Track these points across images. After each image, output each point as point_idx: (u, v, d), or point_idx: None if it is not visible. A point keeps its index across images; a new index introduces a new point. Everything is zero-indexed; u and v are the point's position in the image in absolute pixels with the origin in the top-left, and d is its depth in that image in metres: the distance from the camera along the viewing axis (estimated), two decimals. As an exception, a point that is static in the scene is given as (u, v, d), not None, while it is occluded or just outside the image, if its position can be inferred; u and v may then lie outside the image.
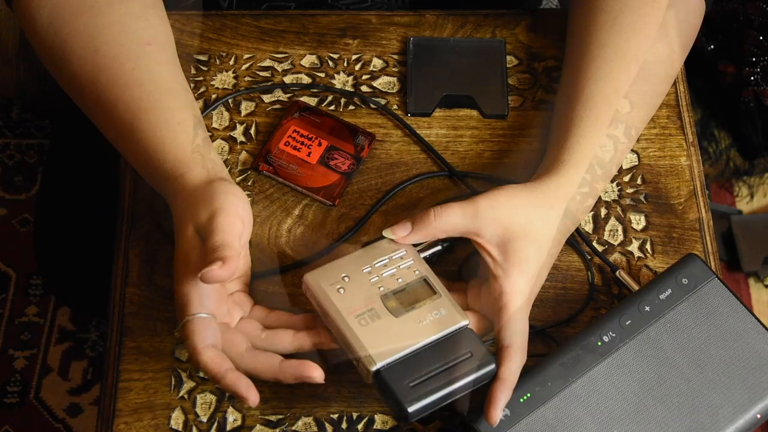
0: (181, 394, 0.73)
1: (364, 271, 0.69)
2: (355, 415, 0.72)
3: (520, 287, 0.68)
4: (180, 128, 0.72)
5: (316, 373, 0.65)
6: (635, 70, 0.76)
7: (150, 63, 0.74)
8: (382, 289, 0.68)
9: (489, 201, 0.69)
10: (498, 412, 0.65)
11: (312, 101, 0.85)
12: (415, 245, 0.72)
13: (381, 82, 0.86)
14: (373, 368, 0.65)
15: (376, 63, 0.87)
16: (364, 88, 0.85)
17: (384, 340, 0.66)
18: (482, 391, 0.72)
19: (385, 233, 0.71)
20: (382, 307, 0.67)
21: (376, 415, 0.72)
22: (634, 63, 0.76)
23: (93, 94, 0.73)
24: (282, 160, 0.80)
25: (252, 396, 0.64)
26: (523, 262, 0.68)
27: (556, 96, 0.82)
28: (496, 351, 0.67)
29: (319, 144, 0.81)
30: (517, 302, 0.67)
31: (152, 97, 0.72)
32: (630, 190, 0.81)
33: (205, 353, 0.65)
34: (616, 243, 0.79)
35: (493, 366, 0.66)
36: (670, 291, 0.71)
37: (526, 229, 0.69)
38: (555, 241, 0.71)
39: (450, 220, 0.69)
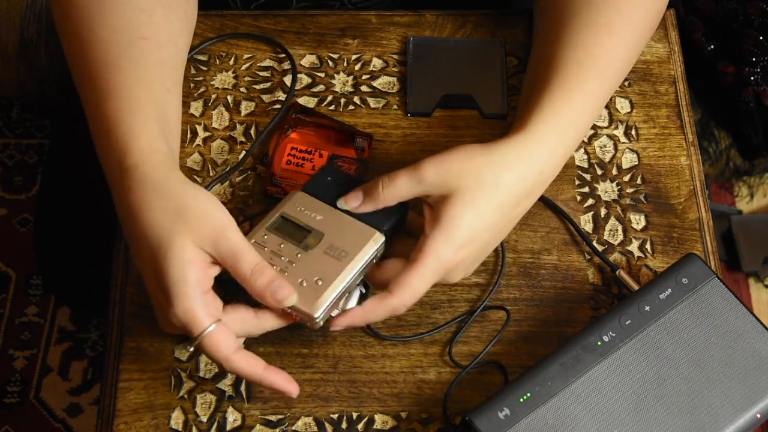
0: (181, 394, 0.73)
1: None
2: (355, 415, 0.72)
3: (438, 250, 0.67)
4: (148, 119, 0.71)
5: (292, 387, 0.67)
6: (607, 40, 0.75)
7: (139, 56, 0.73)
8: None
9: (436, 166, 0.69)
10: (338, 324, 0.68)
11: (312, 101, 0.85)
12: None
13: (381, 82, 0.86)
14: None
15: (376, 63, 0.87)
16: (364, 88, 0.86)
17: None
18: (481, 391, 0.73)
19: (339, 203, 0.71)
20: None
21: (376, 415, 0.72)
22: (605, 33, 0.75)
23: (78, 66, 0.74)
24: (288, 180, 0.79)
25: (293, 388, 0.67)
26: (451, 227, 0.68)
27: (526, 69, 0.82)
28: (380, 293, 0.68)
29: (320, 155, 0.81)
30: (426, 263, 0.67)
31: (127, 84, 0.72)
32: (630, 190, 0.82)
33: (239, 360, 0.65)
34: (616, 243, 0.79)
35: (382, 240, 0.70)
36: (670, 291, 0.71)
37: (468, 194, 0.68)
38: (511, 204, 0.70)
39: (397, 188, 0.69)
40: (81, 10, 0.74)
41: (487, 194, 0.68)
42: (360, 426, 0.72)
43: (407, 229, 0.73)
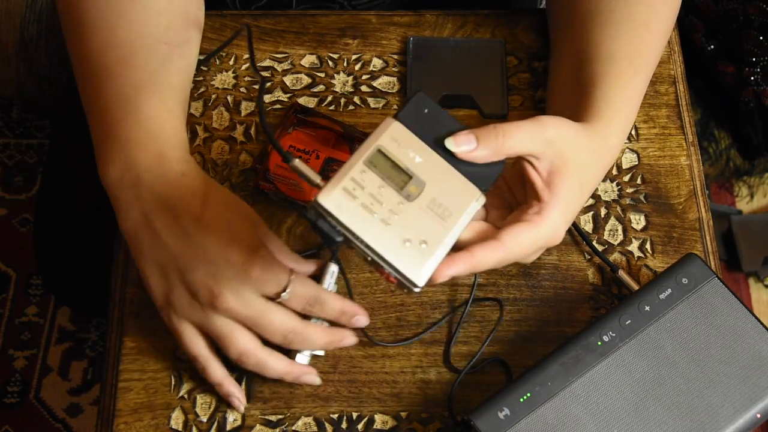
0: (181, 394, 0.73)
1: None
2: (355, 415, 0.72)
3: (553, 220, 0.65)
4: (181, 123, 0.75)
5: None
6: (647, 37, 0.76)
7: (164, 60, 0.75)
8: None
9: (557, 129, 0.65)
10: (444, 274, 0.60)
11: (312, 101, 0.85)
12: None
13: (381, 82, 0.86)
14: None
15: (376, 63, 0.87)
16: (364, 88, 0.86)
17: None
18: (482, 391, 0.72)
19: (447, 143, 0.62)
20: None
21: (376, 415, 0.72)
22: (645, 30, 0.76)
23: (95, 64, 0.74)
24: (282, 177, 0.80)
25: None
26: (566, 202, 0.66)
27: (555, 57, 0.81)
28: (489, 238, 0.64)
29: (317, 157, 0.81)
30: (542, 230, 0.64)
31: (160, 85, 0.74)
32: (630, 190, 0.82)
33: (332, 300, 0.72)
34: (616, 243, 0.79)
35: (483, 201, 0.63)
36: (670, 291, 0.71)
37: (578, 172, 0.66)
38: (587, 194, 0.70)
39: (517, 140, 0.63)
40: (98, 11, 0.74)
41: (585, 177, 0.68)
42: (360, 426, 0.72)
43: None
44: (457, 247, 0.62)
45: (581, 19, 0.79)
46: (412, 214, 0.60)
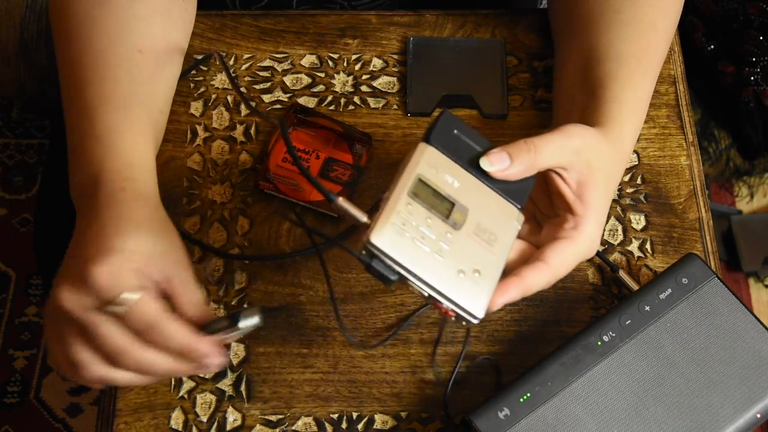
0: (181, 394, 0.73)
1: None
2: (355, 415, 0.72)
3: (590, 233, 0.65)
4: (141, 139, 0.71)
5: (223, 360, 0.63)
6: (654, 37, 0.76)
7: (134, 70, 0.73)
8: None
9: (583, 139, 0.65)
10: (499, 302, 0.60)
11: (312, 101, 0.85)
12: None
13: (381, 82, 0.86)
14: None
15: (376, 63, 0.87)
16: (363, 88, 0.86)
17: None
18: (482, 391, 0.72)
19: (482, 163, 0.62)
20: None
21: (376, 415, 0.72)
22: (652, 30, 0.76)
23: (72, 74, 0.73)
24: (282, 177, 0.80)
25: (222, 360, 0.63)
26: (598, 212, 0.66)
27: (560, 58, 0.81)
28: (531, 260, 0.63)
29: (317, 157, 0.81)
30: (581, 244, 0.64)
31: (124, 99, 0.71)
32: (630, 190, 0.82)
33: (171, 323, 0.62)
34: (616, 243, 0.79)
35: (522, 219, 0.63)
36: (670, 291, 0.71)
37: (604, 180, 0.66)
38: (611, 198, 0.70)
39: (549, 154, 0.63)
40: (78, 18, 0.74)
41: (609, 183, 0.68)
42: (360, 426, 0.72)
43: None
44: (504, 270, 0.62)
45: (587, 20, 0.79)
46: (461, 242, 0.60)
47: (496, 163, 0.62)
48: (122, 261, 0.61)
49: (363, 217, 0.60)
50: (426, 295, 0.59)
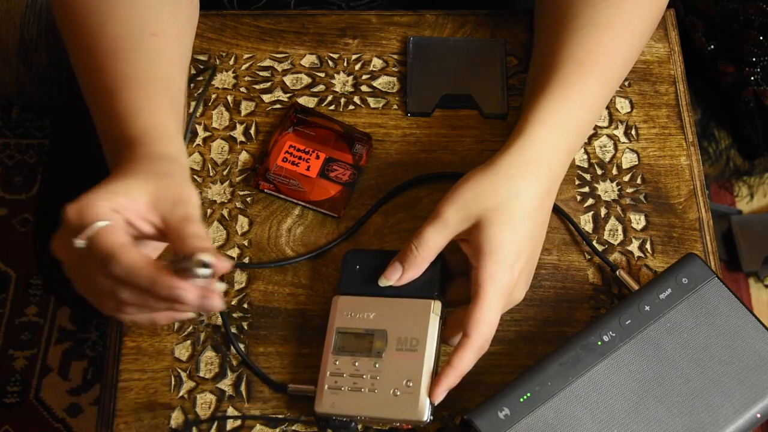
0: (181, 394, 0.73)
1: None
2: (355, 414, 0.72)
3: (494, 276, 0.67)
4: (160, 110, 0.71)
5: (220, 304, 0.60)
6: (608, 38, 0.75)
7: (150, 51, 0.74)
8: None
9: (453, 205, 0.69)
10: (439, 393, 0.67)
11: (312, 101, 0.85)
12: None
13: (381, 82, 0.86)
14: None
15: (376, 63, 0.87)
16: (364, 88, 0.86)
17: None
18: (482, 391, 0.72)
19: (381, 282, 0.71)
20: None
21: (376, 415, 0.72)
22: (607, 31, 0.75)
23: (88, 61, 0.73)
24: (282, 177, 0.80)
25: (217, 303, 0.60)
26: (496, 250, 0.67)
27: (528, 71, 0.82)
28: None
29: (317, 157, 0.81)
30: (489, 291, 0.66)
31: (142, 76, 0.72)
32: (630, 190, 0.81)
33: (132, 252, 0.60)
34: (616, 243, 0.79)
35: (440, 304, 0.70)
36: (670, 291, 0.71)
37: (496, 214, 0.68)
38: (537, 208, 0.70)
39: (428, 243, 0.69)
40: (89, 6, 0.74)
41: (512, 206, 0.68)
42: (360, 426, 0.72)
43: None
44: (453, 340, 0.69)
45: (546, 27, 0.79)
46: (388, 365, 0.69)
47: (391, 277, 0.70)
48: (94, 199, 0.61)
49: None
50: (380, 425, 0.69)
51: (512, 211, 0.68)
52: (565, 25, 0.76)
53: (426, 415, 0.67)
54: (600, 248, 0.79)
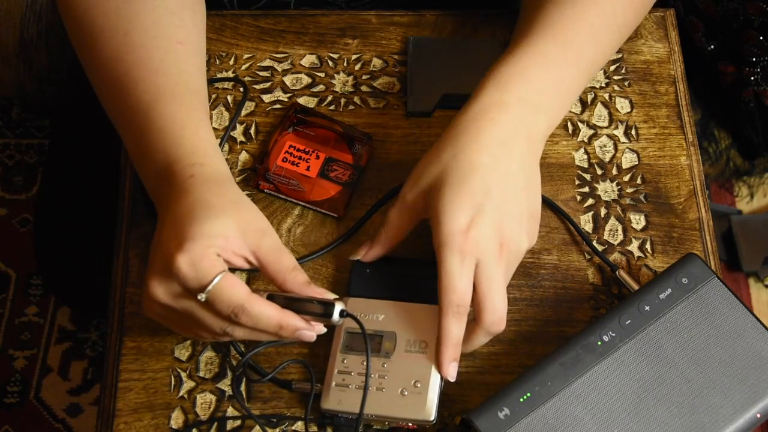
0: (181, 394, 0.73)
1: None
2: (355, 414, 0.72)
3: (443, 241, 0.66)
4: (202, 125, 0.72)
5: (313, 335, 0.68)
6: (590, 11, 0.75)
7: (179, 61, 0.73)
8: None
9: (407, 183, 0.71)
10: (445, 369, 0.69)
11: (312, 101, 0.85)
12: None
13: (381, 82, 0.86)
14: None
15: (376, 63, 0.87)
16: (364, 88, 0.86)
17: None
18: (482, 391, 0.72)
19: (351, 258, 0.73)
20: None
21: (376, 415, 0.72)
22: (592, 5, 0.75)
23: (114, 71, 0.73)
24: (282, 177, 0.80)
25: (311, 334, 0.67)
26: (439, 213, 0.67)
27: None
28: None
29: (317, 157, 0.81)
30: (444, 258, 0.66)
31: (177, 89, 0.72)
32: (630, 190, 0.82)
33: (258, 301, 0.65)
34: (615, 243, 0.79)
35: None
36: (670, 291, 0.71)
37: (439, 180, 0.68)
38: (489, 155, 0.69)
39: (392, 222, 0.71)
40: (108, 15, 0.73)
41: (453, 167, 0.68)
42: (360, 426, 0.72)
43: None
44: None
45: (529, 3, 0.78)
46: (396, 366, 0.70)
47: (360, 252, 0.74)
48: (201, 247, 0.64)
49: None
50: (387, 423, 0.69)
51: (454, 170, 0.68)
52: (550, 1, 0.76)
53: (432, 416, 0.68)
54: (600, 248, 0.79)
